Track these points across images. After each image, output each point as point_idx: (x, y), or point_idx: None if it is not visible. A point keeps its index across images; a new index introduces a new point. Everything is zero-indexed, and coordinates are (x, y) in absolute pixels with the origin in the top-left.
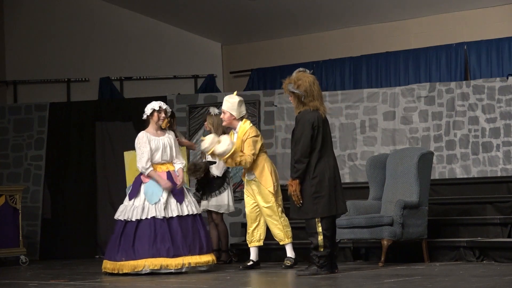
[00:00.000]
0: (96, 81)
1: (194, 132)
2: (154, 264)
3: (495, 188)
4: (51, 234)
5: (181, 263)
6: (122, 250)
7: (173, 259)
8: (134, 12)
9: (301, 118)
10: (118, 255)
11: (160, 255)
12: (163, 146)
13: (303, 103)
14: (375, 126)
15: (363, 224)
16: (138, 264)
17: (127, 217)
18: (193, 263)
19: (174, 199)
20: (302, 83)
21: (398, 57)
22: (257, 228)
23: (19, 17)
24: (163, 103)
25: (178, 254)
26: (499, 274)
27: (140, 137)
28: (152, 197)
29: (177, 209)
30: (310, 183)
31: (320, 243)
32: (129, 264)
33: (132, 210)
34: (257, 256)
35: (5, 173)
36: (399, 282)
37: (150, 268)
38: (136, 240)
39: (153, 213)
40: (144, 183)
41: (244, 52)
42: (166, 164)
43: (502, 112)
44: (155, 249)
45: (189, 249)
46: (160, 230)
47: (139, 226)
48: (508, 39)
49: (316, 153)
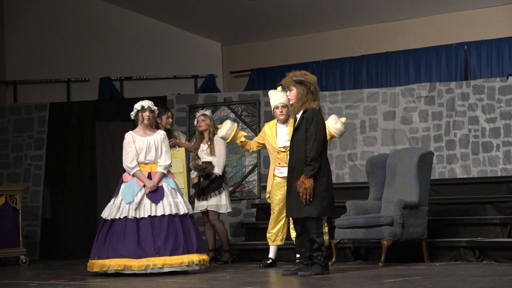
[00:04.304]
0: (96, 81)
1: (194, 132)
2: (118, 264)
3: (495, 188)
4: (51, 234)
5: (145, 264)
6: (96, 248)
7: (136, 260)
8: (134, 12)
9: (314, 116)
10: (92, 254)
11: (125, 256)
12: (148, 146)
13: (307, 98)
14: (375, 126)
15: (363, 224)
16: (104, 263)
17: (105, 216)
18: (159, 264)
19: (149, 200)
20: (309, 76)
21: (398, 57)
22: (282, 228)
23: (19, 17)
24: (148, 101)
25: (143, 255)
26: (499, 274)
27: (126, 137)
28: (126, 196)
29: (151, 210)
30: (320, 182)
31: (326, 243)
32: (98, 263)
33: (110, 209)
34: (275, 255)
35: (5, 173)
36: (399, 282)
37: (114, 268)
38: (107, 239)
39: (126, 213)
40: (124, 182)
41: (244, 52)
42: (149, 164)
43: (502, 112)
44: (122, 249)
45: (157, 250)
46: (129, 230)
47: (112, 226)
48: (508, 39)
49: (325, 153)
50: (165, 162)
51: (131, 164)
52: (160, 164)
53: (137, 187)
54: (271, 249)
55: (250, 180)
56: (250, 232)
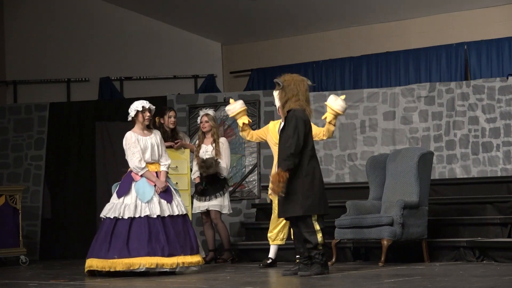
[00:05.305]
0: (96, 81)
1: (194, 132)
2: (150, 262)
3: (495, 188)
4: (51, 234)
5: (175, 262)
6: (114, 248)
7: (168, 258)
8: (134, 12)
9: (293, 115)
10: (109, 253)
11: (156, 254)
12: (151, 146)
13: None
14: (375, 126)
15: (363, 224)
16: (133, 262)
17: (117, 215)
18: (187, 263)
19: (164, 200)
20: (287, 78)
21: (398, 57)
22: (283, 228)
23: (19, 17)
24: (146, 102)
25: (173, 254)
26: (499, 274)
27: (129, 138)
28: (144, 195)
29: (168, 209)
30: (302, 180)
31: (321, 240)
32: (123, 262)
33: (123, 208)
34: (275, 255)
35: (5, 173)
36: (399, 282)
37: (146, 266)
38: (130, 238)
39: (147, 212)
40: (135, 181)
41: (244, 52)
42: (155, 164)
43: (502, 112)
44: (151, 247)
45: (182, 249)
46: (155, 229)
47: (133, 224)
48: (508, 39)
49: (308, 151)
50: (167, 161)
51: (141, 164)
52: (163, 164)
53: (150, 187)
54: (271, 249)
55: (250, 180)
56: (250, 232)
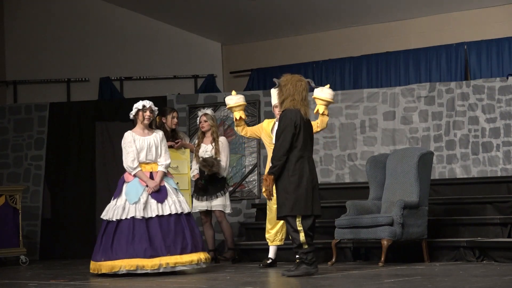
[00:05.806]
0: (96, 81)
1: (194, 132)
2: (130, 264)
3: (495, 188)
4: (51, 234)
5: (157, 263)
6: (103, 250)
7: (149, 260)
8: (134, 12)
9: (283, 116)
10: (98, 256)
11: (137, 256)
12: (148, 146)
13: (282, 99)
14: (375, 126)
15: (363, 224)
16: (115, 264)
17: (109, 217)
18: (172, 264)
19: (154, 200)
20: (285, 78)
21: (398, 57)
22: (281, 229)
23: (19, 17)
24: (148, 101)
25: (155, 255)
26: (499, 274)
27: (126, 137)
28: (131, 196)
29: (157, 209)
30: (289, 180)
31: (303, 240)
32: (106, 264)
33: (114, 210)
34: (275, 255)
35: (5, 173)
36: (399, 282)
37: (126, 268)
38: (114, 240)
39: (133, 213)
40: (126, 182)
41: (244, 52)
42: (150, 164)
43: (502, 112)
44: (132, 249)
45: (168, 249)
46: (139, 230)
47: (119, 226)
48: (508, 39)
49: (296, 151)
50: (166, 161)
51: (133, 164)
52: (161, 164)
53: (141, 187)
54: (271, 249)
55: (250, 180)
56: (250, 232)
